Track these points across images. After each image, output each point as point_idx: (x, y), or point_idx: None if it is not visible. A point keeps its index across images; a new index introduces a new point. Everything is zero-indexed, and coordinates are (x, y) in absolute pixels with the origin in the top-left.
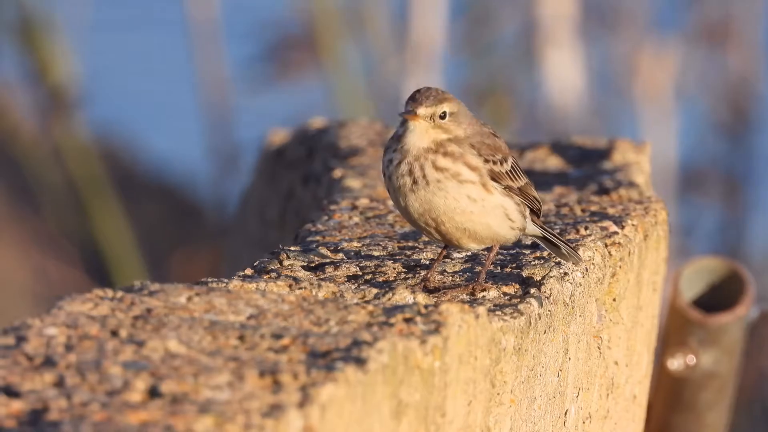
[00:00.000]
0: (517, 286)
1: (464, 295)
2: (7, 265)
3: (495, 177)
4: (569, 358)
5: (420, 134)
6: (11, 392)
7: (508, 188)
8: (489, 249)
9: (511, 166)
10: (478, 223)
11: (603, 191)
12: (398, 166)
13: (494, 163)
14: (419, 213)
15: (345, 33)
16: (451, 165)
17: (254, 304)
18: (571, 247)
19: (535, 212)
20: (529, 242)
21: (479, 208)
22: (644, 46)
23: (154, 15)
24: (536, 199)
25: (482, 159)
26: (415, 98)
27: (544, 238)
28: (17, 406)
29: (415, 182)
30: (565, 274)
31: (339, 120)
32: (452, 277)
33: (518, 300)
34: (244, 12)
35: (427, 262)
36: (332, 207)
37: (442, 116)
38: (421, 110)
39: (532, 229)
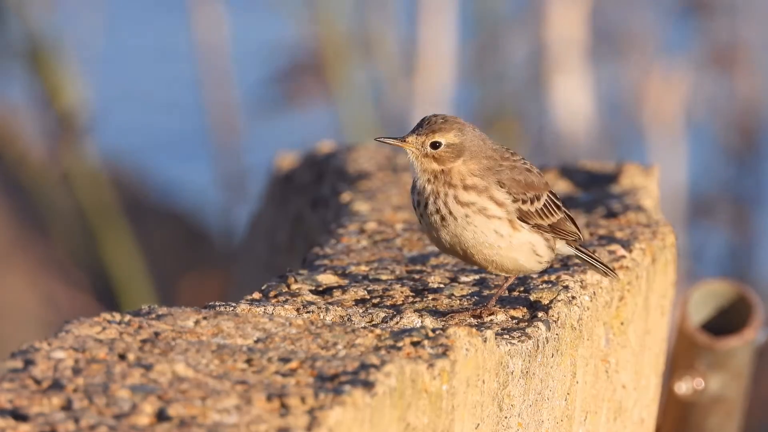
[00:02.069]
0: (525, 309)
1: (472, 318)
2: (15, 291)
3: (523, 216)
4: (577, 382)
5: (413, 162)
6: (19, 416)
7: (537, 226)
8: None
9: (544, 204)
10: (505, 258)
11: (611, 215)
12: (426, 207)
13: (524, 202)
14: (450, 244)
15: (353, 58)
16: (476, 199)
17: (262, 327)
18: (607, 267)
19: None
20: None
21: (506, 243)
22: (653, 72)
23: (163, 41)
24: (573, 233)
25: (511, 197)
26: (417, 125)
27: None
28: (25, 429)
29: (443, 219)
30: (573, 297)
31: (347, 144)
32: (460, 300)
33: (526, 324)
34: (253, 38)
35: (435, 286)
36: (340, 231)
37: (435, 146)
38: (411, 138)
39: (568, 250)
